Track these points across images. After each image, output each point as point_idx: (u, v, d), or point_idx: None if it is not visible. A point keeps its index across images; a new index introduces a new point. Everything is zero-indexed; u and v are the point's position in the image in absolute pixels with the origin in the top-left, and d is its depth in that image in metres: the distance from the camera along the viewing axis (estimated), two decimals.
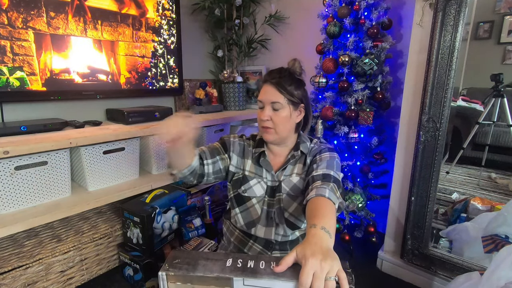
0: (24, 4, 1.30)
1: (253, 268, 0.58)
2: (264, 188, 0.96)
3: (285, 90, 0.89)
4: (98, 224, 1.50)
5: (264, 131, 0.92)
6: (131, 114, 1.53)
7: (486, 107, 1.66)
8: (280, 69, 0.94)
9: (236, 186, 0.99)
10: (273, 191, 0.96)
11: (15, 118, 1.41)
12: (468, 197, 1.60)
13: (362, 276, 1.53)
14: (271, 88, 0.90)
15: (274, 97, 0.89)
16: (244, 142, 1.02)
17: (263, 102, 0.91)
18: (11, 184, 1.16)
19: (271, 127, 0.91)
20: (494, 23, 1.64)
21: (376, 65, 1.46)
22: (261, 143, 0.99)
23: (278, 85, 0.89)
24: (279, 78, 0.90)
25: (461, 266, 1.30)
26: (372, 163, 1.66)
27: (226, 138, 1.02)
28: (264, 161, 0.96)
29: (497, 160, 1.73)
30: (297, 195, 0.93)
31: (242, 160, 1.00)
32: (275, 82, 0.90)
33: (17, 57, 1.32)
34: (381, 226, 1.76)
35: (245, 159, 1.00)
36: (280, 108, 0.90)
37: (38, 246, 1.31)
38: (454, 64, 1.22)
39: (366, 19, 1.49)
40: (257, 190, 0.96)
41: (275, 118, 0.90)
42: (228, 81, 2.16)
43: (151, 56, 1.81)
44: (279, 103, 0.89)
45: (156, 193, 1.54)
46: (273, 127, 0.91)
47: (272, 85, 0.90)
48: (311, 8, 1.95)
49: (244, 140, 1.03)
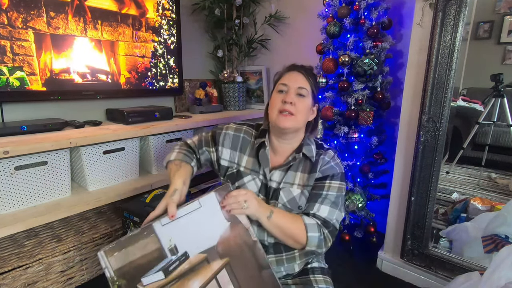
0: (24, 4, 1.30)
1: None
2: (258, 186, 0.91)
3: (313, 80, 0.90)
4: (98, 224, 1.50)
5: (282, 117, 0.85)
6: (131, 114, 1.53)
7: (486, 107, 1.66)
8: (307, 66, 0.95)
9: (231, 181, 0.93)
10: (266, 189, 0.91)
11: (15, 118, 1.41)
12: (468, 197, 1.60)
13: (362, 276, 1.53)
14: (299, 74, 0.89)
15: (302, 83, 0.88)
16: (242, 133, 0.97)
17: (288, 86, 0.87)
18: (11, 184, 1.16)
19: (293, 113, 0.85)
20: (494, 23, 1.64)
21: (376, 65, 1.46)
22: (263, 134, 0.93)
23: (306, 73, 0.89)
24: (306, 69, 0.91)
25: (461, 266, 1.30)
26: (372, 163, 1.66)
27: (218, 131, 0.98)
28: (263, 154, 0.90)
29: (497, 160, 1.73)
30: (292, 209, 0.88)
31: (236, 153, 0.94)
32: (303, 70, 0.90)
33: (17, 57, 1.32)
34: (381, 226, 1.76)
35: (241, 153, 0.94)
36: (306, 95, 0.88)
37: (38, 246, 1.31)
38: (454, 64, 1.21)
39: (366, 19, 1.49)
40: (251, 188, 0.91)
41: (298, 104, 0.86)
42: (228, 81, 2.16)
43: (151, 56, 1.81)
44: (305, 89, 0.88)
45: (156, 193, 1.54)
46: (295, 113, 0.86)
47: (300, 73, 0.89)
48: (311, 8, 1.95)
49: (244, 131, 0.97)
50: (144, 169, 1.71)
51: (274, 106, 0.88)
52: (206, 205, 0.73)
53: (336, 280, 0.93)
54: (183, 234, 0.71)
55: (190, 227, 0.72)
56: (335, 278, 0.96)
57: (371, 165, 1.64)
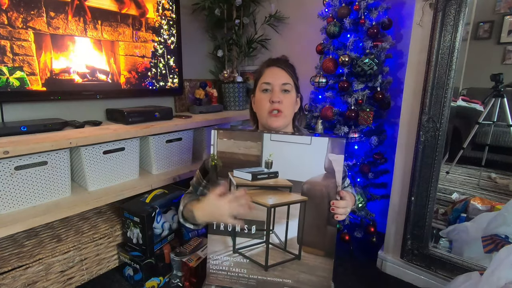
0: (24, 4, 1.30)
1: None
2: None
3: (292, 72, 0.90)
4: (98, 224, 1.50)
5: (273, 117, 0.87)
6: (131, 114, 1.53)
7: (486, 107, 1.66)
8: (281, 57, 0.95)
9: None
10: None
11: (15, 118, 1.41)
12: (468, 197, 1.60)
13: (362, 276, 1.53)
14: (280, 70, 0.89)
15: (285, 79, 0.88)
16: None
17: (272, 84, 0.87)
18: (11, 184, 1.16)
19: (282, 110, 0.87)
20: (494, 23, 1.64)
21: (376, 65, 1.46)
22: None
23: (287, 67, 0.89)
24: (285, 63, 0.90)
25: (461, 266, 1.30)
26: (372, 163, 1.66)
27: (206, 159, 0.97)
28: None
29: (497, 160, 1.73)
30: None
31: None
32: (284, 65, 0.89)
33: (17, 57, 1.32)
34: (381, 226, 1.75)
35: None
36: (290, 89, 0.89)
37: (38, 246, 1.31)
38: (454, 64, 1.21)
39: (366, 19, 1.49)
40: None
41: (285, 101, 0.87)
42: (228, 81, 2.16)
43: (151, 56, 1.81)
44: (289, 84, 0.88)
45: (156, 193, 1.54)
46: (283, 110, 0.87)
47: (280, 68, 0.89)
48: (311, 8, 1.95)
49: None
50: (144, 169, 1.71)
51: (262, 107, 0.88)
52: (315, 145, 0.75)
53: (336, 280, 0.93)
54: (283, 156, 0.76)
55: (291, 155, 0.76)
56: (335, 278, 0.96)
57: (371, 165, 1.64)
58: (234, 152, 0.77)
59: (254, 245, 0.83)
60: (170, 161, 1.72)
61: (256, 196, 0.79)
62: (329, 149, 0.74)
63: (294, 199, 0.79)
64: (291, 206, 0.79)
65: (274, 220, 0.80)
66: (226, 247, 0.84)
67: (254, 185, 0.78)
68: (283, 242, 0.81)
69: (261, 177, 0.78)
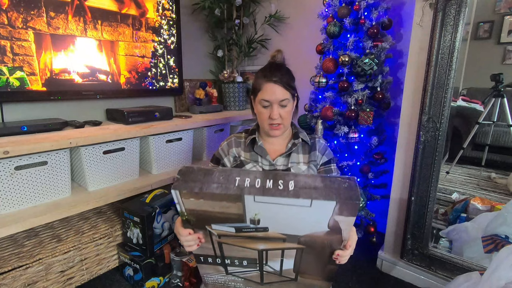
0: (24, 4, 1.30)
1: (268, 188, 0.60)
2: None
3: (290, 87, 0.91)
4: (98, 224, 1.50)
5: (273, 129, 0.93)
6: (131, 114, 1.53)
7: (486, 107, 1.66)
8: (276, 65, 0.95)
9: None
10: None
11: (15, 118, 1.41)
12: (468, 197, 1.60)
13: (362, 276, 1.53)
14: (278, 87, 0.89)
15: (282, 95, 0.90)
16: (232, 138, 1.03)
17: (271, 102, 0.90)
18: (11, 184, 1.16)
19: (281, 123, 0.92)
20: (494, 23, 1.64)
21: (376, 65, 1.46)
22: (253, 132, 1.01)
23: (285, 83, 0.90)
24: (282, 76, 0.90)
25: (461, 266, 1.30)
26: (372, 163, 1.66)
27: (216, 152, 1.04)
28: (258, 147, 0.98)
29: (497, 160, 1.73)
30: None
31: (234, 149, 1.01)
32: (281, 80, 0.90)
33: (17, 57, 1.32)
34: (381, 226, 1.76)
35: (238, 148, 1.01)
36: (288, 103, 0.92)
37: (38, 246, 1.31)
38: (454, 64, 1.21)
39: (366, 19, 1.49)
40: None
41: (284, 114, 0.92)
42: (228, 81, 2.16)
43: (151, 56, 1.81)
44: (287, 99, 0.91)
45: (156, 193, 1.54)
46: (282, 122, 0.93)
47: (278, 84, 0.89)
48: (311, 8, 1.95)
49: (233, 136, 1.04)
50: (144, 169, 1.71)
51: (262, 120, 0.94)
52: (317, 208, 0.60)
53: (336, 280, 0.93)
54: (272, 217, 0.63)
55: (284, 216, 0.62)
56: (335, 278, 0.96)
57: (371, 165, 1.64)
58: (207, 210, 0.63)
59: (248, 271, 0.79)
60: (170, 161, 1.72)
61: (243, 243, 0.69)
62: (336, 212, 0.60)
63: (289, 246, 0.69)
64: (286, 250, 0.71)
65: (267, 258, 0.73)
66: (218, 271, 0.81)
67: (240, 236, 0.68)
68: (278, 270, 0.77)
69: (246, 231, 0.66)
